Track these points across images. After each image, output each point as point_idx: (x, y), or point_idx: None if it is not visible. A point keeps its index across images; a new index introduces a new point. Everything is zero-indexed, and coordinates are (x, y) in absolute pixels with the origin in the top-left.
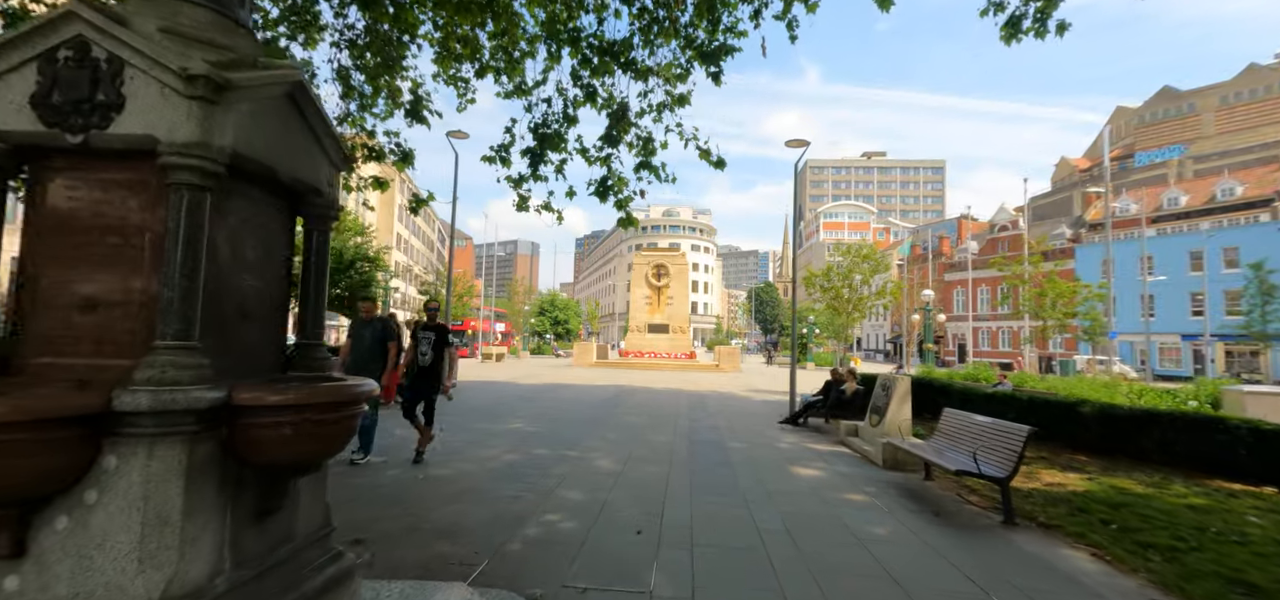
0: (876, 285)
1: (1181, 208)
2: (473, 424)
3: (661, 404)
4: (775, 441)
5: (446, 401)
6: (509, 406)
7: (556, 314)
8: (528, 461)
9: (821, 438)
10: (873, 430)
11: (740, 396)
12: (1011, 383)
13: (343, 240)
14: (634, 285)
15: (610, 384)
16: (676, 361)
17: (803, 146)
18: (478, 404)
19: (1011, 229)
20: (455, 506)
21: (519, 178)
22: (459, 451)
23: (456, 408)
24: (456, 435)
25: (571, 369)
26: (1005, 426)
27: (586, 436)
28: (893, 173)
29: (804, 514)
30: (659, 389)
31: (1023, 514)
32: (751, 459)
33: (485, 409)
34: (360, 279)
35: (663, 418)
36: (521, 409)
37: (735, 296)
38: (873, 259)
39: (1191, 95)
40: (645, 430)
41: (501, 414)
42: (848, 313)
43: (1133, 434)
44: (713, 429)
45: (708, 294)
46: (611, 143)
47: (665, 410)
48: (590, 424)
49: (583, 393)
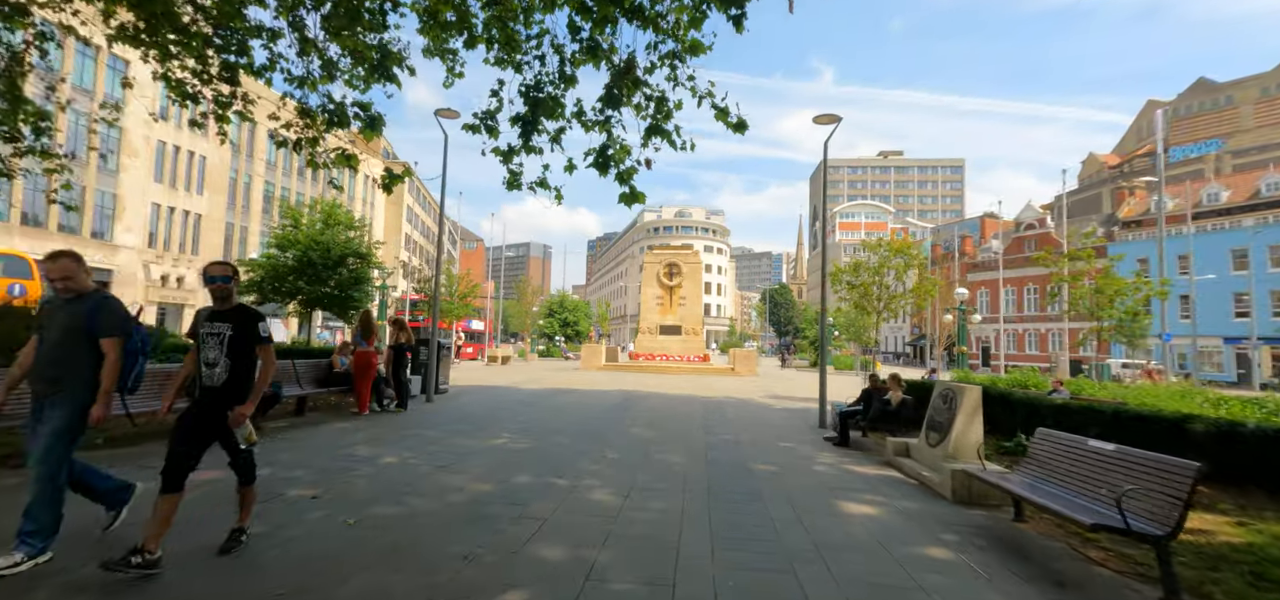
0: (909, 282)
1: (1223, 203)
2: (450, 439)
3: (674, 413)
4: (810, 461)
5: (341, 426)
6: (501, 415)
7: (566, 315)
8: (502, 495)
9: (863, 456)
10: (932, 451)
11: (760, 403)
12: (1068, 391)
13: (332, 235)
14: (645, 285)
15: (618, 389)
16: (689, 364)
17: (833, 122)
18: (468, 412)
19: (1038, 227)
20: (374, 575)
21: (508, 149)
22: (415, 482)
23: (440, 418)
24: (424, 456)
25: (578, 372)
26: (1152, 460)
27: (583, 456)
28: (910, 172)
29: (877, 586)
30: (671, 394)
31: (1188, 587)
32: (786, 489)
33: (473, 418)
34: (350, 276)
35: (675, 430)
36: (514, 419)
37: (748, 298)
38: (907, 253)
39: (1229, 87)
40: (654, 447)
41: (488, 425)
42: (878, 312)
43: (1271, 459)
44: (733, 445)
45: (721, 295)
46: (613, 103)
47: (678, 420)
48: (590, 438)
49: (587, 399)
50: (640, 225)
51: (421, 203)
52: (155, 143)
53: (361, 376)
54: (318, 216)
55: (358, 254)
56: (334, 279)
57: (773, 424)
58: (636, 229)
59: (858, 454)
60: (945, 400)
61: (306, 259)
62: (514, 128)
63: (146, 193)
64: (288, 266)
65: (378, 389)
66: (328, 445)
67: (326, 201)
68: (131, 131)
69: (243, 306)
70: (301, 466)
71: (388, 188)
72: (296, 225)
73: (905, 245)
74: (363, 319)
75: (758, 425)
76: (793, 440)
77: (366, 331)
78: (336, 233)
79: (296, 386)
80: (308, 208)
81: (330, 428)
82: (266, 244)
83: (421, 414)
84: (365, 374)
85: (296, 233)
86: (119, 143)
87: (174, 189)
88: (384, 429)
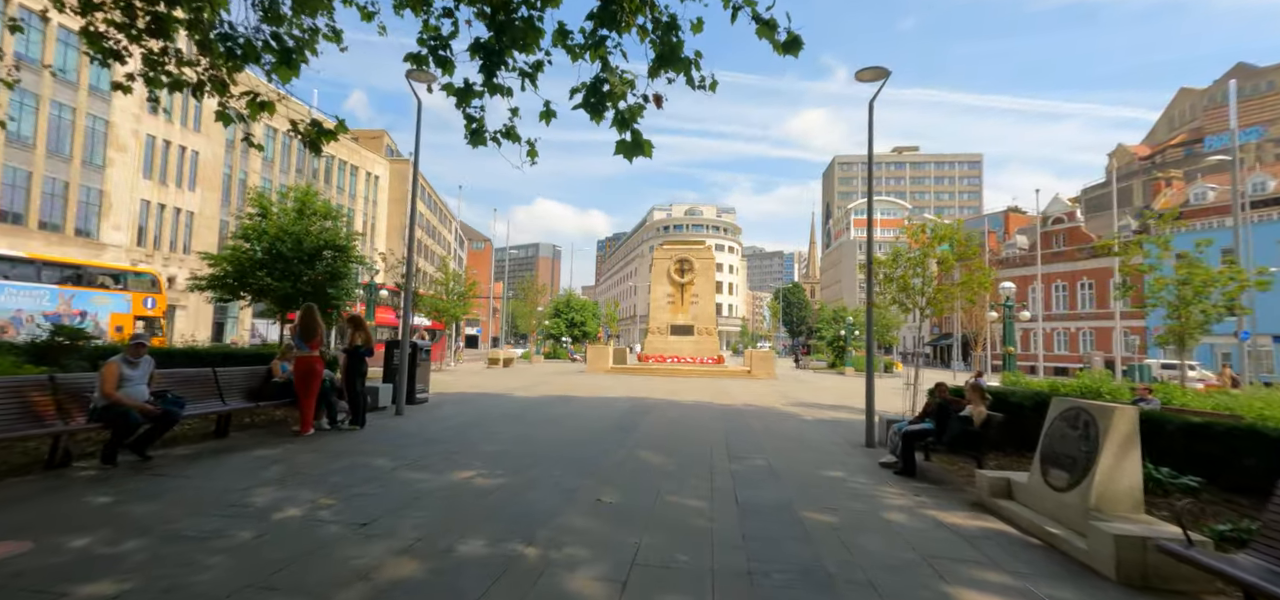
0: (957, 274)
1: (1269, 193)
2: (399, 473)
3: (689, 428)
4: (877, 504)
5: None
6: (478, 435)
7: (572, 315)
8: (426, 584)
9: (941, 493)
10: (1058, 497)
11: (785, 413)
12: (1157, 398)
13: (304, 225)
14: (654, 282)
15: (625, 396)
16: (702, 367)
17: (879, 78)
18: (439, 430)
19: (1068, 221)
20: None
21: (465, 87)
22: (302, 559)
23: (401, 439)
24: (347, 504)
25: (583, 376)
26: None
27: (570, 500)
28: (926, 168)
29: None
30: (684, 402)
31: None
32: (862, 560)
33: (442, 439)
34: (327, 271)
35: (691, 453)
36: (493, 440)
37: (759, 298)
38: (955, 240)
39: (1271, 72)
40: (666, 482)
41: (459, 450)
42: (921, 309)
43: None
44: (768, 476)
45: (733, 295)
46: (609, 22)
47: (694, 439)
48: (584, 470)
49: (588, 410)
50: (650, 224)
51: (427, 202)
52: (144, 137)
53: (304, 387)
54: (291, 205)
55: (335, 246)
56: (308, 274)
57: (808, 442)
58: (646, 227)
59: (932, 489)
60: (1075, 424)
61: (275, 252)
62: (474, 60)
63: (135, 189)
64: (253, 260)
65: (328, 402)
66: (221, 484)
67: (300, 188)
68: (118, 125)
69: None
70: (149, 526)
71: (315, 146)
72: (265, 215)
73: (952, 231)
74: (303, 317)
75: (790, 443)
76: (840, 466)
77: (307, 332)
78: (311, 222)
79: (217, 401)
80: (279, 196)
81: (243, 457)
82: (230, 236)
83: (381, 432)
84: (308, 384)
85: (264, 223)
86: (105, 136)
87: (165, 185)
88: (320, 456)
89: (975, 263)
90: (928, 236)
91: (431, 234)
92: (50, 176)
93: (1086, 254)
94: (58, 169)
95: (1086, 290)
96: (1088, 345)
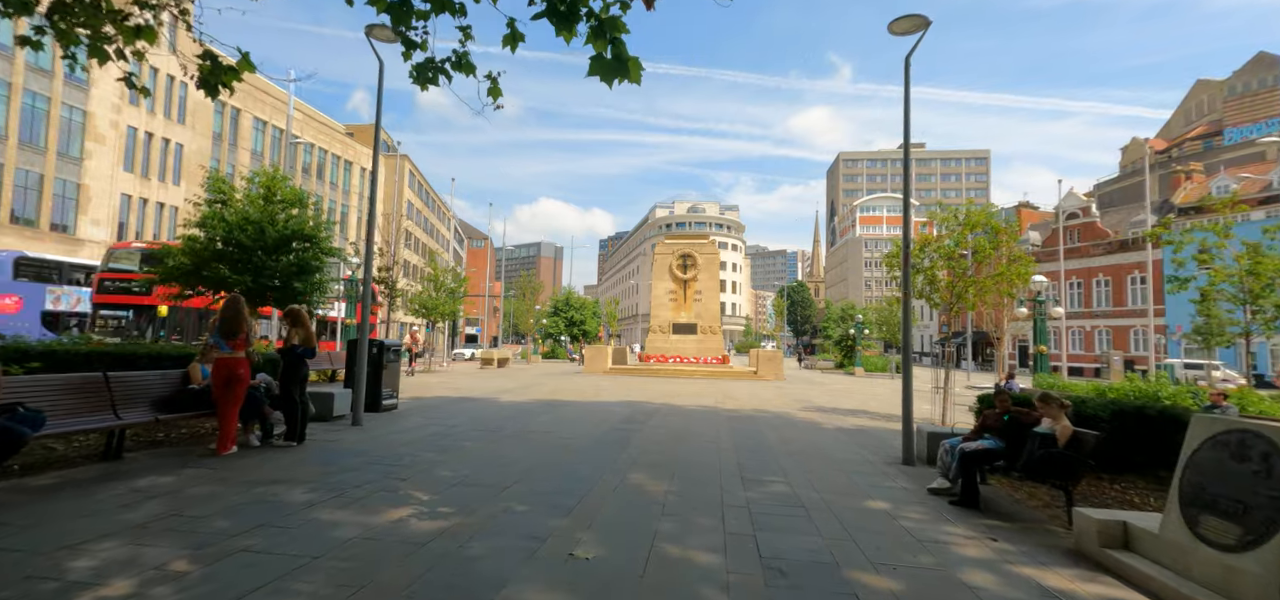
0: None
1: None
2: (315, 512)
3: (692, 439)
4: (949, 559)
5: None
6: (443, 450)
7: (572, 313)
8: None
9: (1023, 537)
10: (1229, 561)
11: (802, 421)
12: (1233, 404)
13: (269, 211)
14: (656, 279)
15: (622, 400)
16: (707, 367)
17: (918, 29)
18: (394, 446)
19: (1082, 216)
20: None
21: (400, 2)
22: None
23: (341, 459)
24: (224, 560)
25: (580, 377)
26: None
27: (532, 553)
28: (932, 165)
29: None
30: (688, 407)
31: None
32: None
33: (394, 460)
34: (291, 263)
35: (698, 476)
36: (458, 459)
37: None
38: (993, 226)
39: None
40: (665, 521)
41: (410, 475)
42: (950, 303)
43: None
44: (796, 510)
45: (736, 294)
46: None
47: (700, 456)
48: (558, 502)
49: (579, 418)
50: (652, 221)
51: (423, 196)
52: (125, 128)
53: (224, 395)
54: (257, 190)
55: (303, 236)
56: (274, 266)
57: (834, 457)
58: (648, 225)
59: (1007, 529)
60: (1244, 456)
61: (235, 241)
62: None
63: (115, 182)
64: (210, 251)
65: (260, 414)
66: (55, 532)
67: (267, 172)
68: (97, 115)
69: None
70: None
71: (211, 87)
72: (226, 202)
73: (986, 217)
74: (225, 309)
75: (814, 460)
76: (881, 493)
77: (229, 327)
78: (276, 209)
79: (109, 414)
80: (246, 179)
81: (117, 489)
82: (184, 224)
83: (321, 450)
84: (229, 391)
85: (225, 210)
86: (83, 127)
87: (147, 179)
88: (223, 487)
89: (1015, 252)
90: (958, 223)
91: (428, 231)
92: (23, 168)
93: (1103, 250)
94: (32, 161)
95: (1103, 288)
96: (1104, 344)
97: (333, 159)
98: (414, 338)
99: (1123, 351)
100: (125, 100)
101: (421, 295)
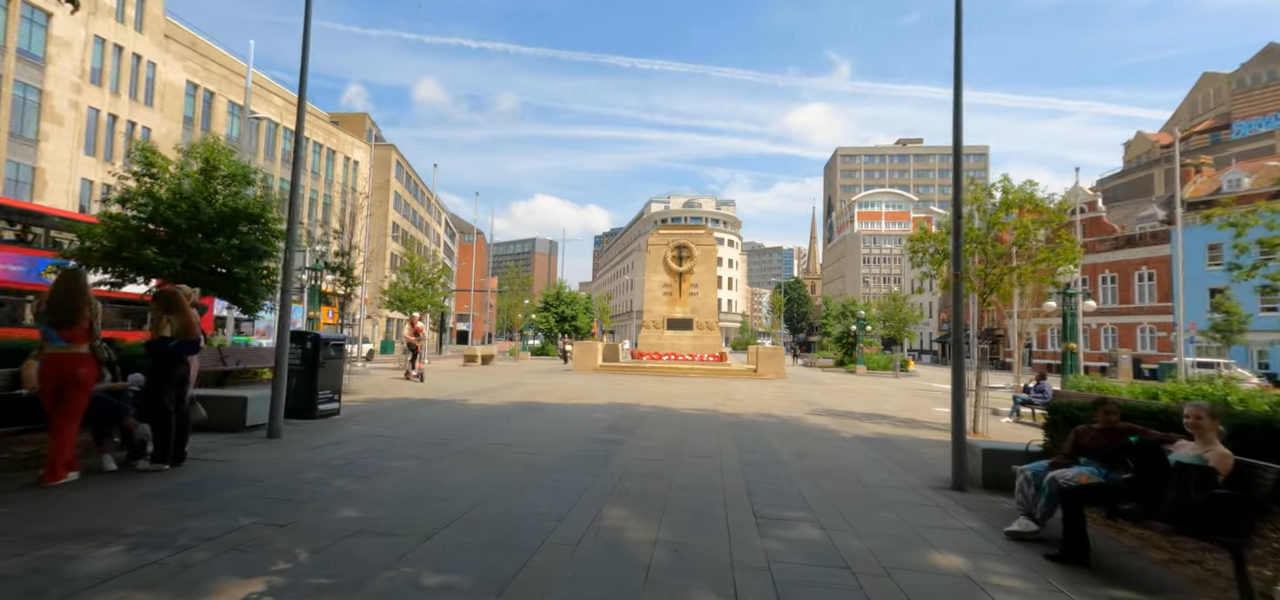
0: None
1: None
2: (107, 589)
3: (689, 454)
4: None
5: None
6: (364, 473)
7: (562, 309)
8: None
9: None
10: None
11: (814, 428)
12: None
13: (209, 188)
14: (649, 271)
15: (610, 402)
16: (703, 365)
17: None
18: (324, 460)
19: (1089, 211)
20: None
21: None
22: None
23: (232, 486)
24: None
25: (566, 376)
26: None
27: None
28: (930, 160)
29: None
30: (682, 411)
31: None
32: None
33: (299, 484)
34: (231, 247)
35: (695, 510)
36: (380, 483)
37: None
38: (1042, 207)
39: None
40: (651, 594)
41: (306, 508)
42: (985, 295)
43: None
44: (840, 575)
45: (732, 290)
46: None
47: (697, 477)
48: (497, 563)
49: (557, 423)
50: (647, 216)
51: (411, 188)
52: (86, 109)
53: (57, 403)
54: (194, 164)
55: (249, 216)
56: (211, 250)
57: (868, 481)
58: (643, 220)
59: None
60: None
61: (162, 219)
62: None
63: (76, 166)
64: (131, 231)
65: (121, 427)
66: None
67: (206, 143)
68: (54, 95)
69: None
70: None
71: None
72: (155, 175)
73: (1021, 194)
74: (55, 288)
75: (843, 483)
76: (948, 542)
77: (60, 313)
78: (216, 185)
79: None
80: (180, 151)
81: None
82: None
83: (199, 476)
84: (63, 399)
85: (155, 185)
86: (39, 107)
87: (111, 163)
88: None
89: (1062, 233)
90: (993, 203)
91: (417, 224)
92: None
93: (1109, 245)
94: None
95: (1109, 284)
96: (1109, 342)
97: (314, 146)
98: (417, 329)
99: (1130, 349)
100: (86, 80)
101: (397, 287)
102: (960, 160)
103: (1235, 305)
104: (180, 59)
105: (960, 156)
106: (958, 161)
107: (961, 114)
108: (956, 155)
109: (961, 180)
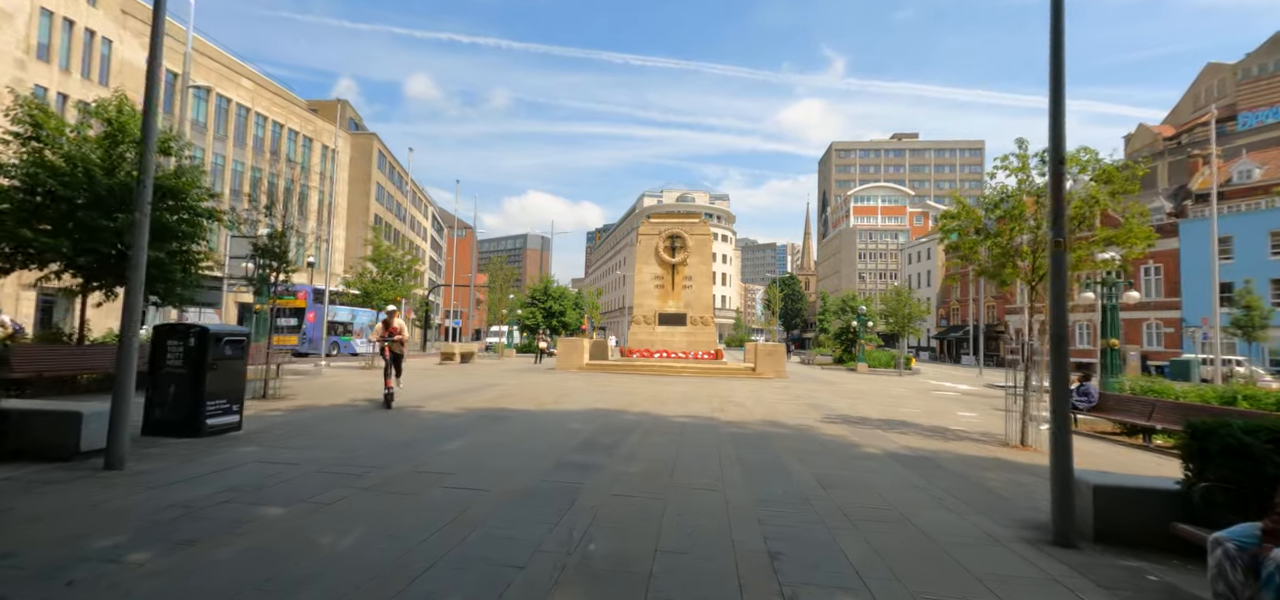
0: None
1: None
2: None
3: (684, 484)
4: None
5: None
6: (217, 526)
7: (550, 304)
8: None
9: None
10: None
11: (830, 438)
12: None
13: (113, 156)
14: (640, 264)
15: (591, 408)
16: (697, 363)
17: None
18: (177, 499)
19: None
20: None
21: None
22: None
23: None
24: None
25: (548, 375)
26: None
27: None
28: (926, 155)
29: None
30: (676, 420)
31: None
32: None
33: (86, 558)
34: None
35: (694, 584)
36: (213, 549)
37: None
38: (1112, 174)
39: None
40: None
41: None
42: (1032, 284)
43: None
44: None
45: (727, 286)
46: None
47: (696, 517)
48: None
49: (520, 439)
50: (639, 210)
51: (393, 178)
52: (32, 87)
53: None
54: (93, 126)
55: (167, 190)
56: (110, 228)
57: (929, 529)
58: (636, 214)
59: None
60: None
61: (49, 192)
62: None
63: None
64: (12, 204)
65: None
66: None
67: (114, 102)
68: None
69: None
70: None
71: None
72: (43, 139)
73: (1101, 164)
74: None
75: (897, 535)
76: None
77: None
78: (122, 154)
79: None
80: (80, 111)
81: None
82: None
83: None
84: None
85: (43, 150)
86: None
87: None
88: None
89: (1131, 205)
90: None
91: (401, 216)
92: None
93: None
94: None
95: None
96: None
97: (290, 134)
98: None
99: (1136, 346)
100: (31, 55)
101: (362, 277)
102: (1061, 75)
103: (1258, 299)
104: (139, 36)
105: (1061, 70)
106: (1057, 89)
107: (1062, 47)
108: (1056, 75)
109: (1063, 116)
